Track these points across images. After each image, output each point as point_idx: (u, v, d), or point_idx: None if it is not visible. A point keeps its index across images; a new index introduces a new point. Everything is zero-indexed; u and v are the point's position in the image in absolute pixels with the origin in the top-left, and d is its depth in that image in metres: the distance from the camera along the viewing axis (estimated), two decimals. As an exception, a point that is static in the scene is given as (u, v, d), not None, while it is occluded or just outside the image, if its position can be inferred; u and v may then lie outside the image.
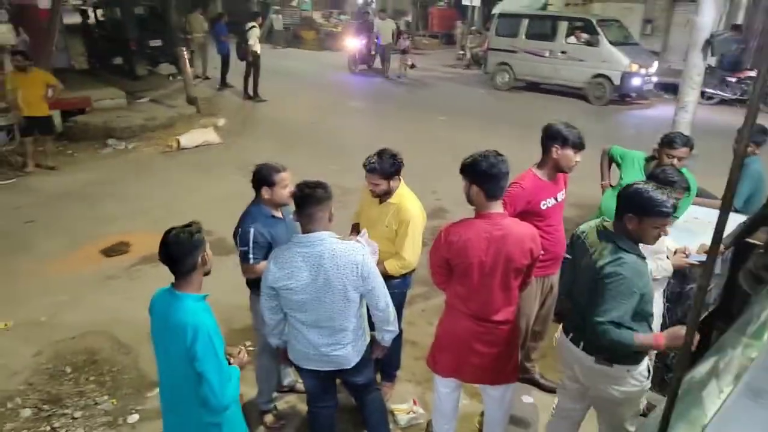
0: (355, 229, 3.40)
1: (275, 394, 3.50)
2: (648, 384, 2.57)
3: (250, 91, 12.24)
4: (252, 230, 2.89)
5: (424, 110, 11.95)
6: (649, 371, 2.57)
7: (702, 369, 2.43)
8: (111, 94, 10.52)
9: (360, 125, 10.72)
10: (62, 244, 5.72)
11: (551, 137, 3.07)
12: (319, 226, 2.47)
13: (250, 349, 3.92)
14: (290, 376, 3.65)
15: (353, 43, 16.71)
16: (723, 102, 12.01)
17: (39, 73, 7.55)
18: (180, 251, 2.13)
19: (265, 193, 2.95)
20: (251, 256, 2.91)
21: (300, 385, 3.57)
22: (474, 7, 18.39)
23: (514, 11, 14.94)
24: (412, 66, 15.98)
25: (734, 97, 11.85)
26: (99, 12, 14.57)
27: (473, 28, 19.04)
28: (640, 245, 2.41)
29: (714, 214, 1.34)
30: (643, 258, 2.38)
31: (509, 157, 2.57)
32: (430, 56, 20.23)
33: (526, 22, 13.70)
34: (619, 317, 2.24)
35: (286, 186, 2.96)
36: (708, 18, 5.74)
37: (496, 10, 16.37)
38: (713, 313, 3.68)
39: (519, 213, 2.98)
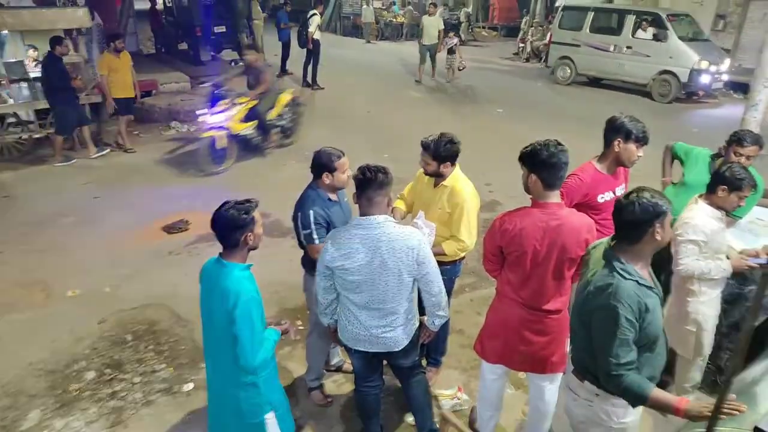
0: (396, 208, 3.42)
1: (323, 373, 3.60)
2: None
3: (309, 79, 12.45)
4: (312, 213, 2.96)
5: (481, 102, 11.83)
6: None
7: (755, 370, 2.36)
8: (176, 78, 10.96)
9: (415, 116, 10.69)
10: (126, 219, 6.01)
11: (614, 130, 3.01)
12: (378, 210, 2.52)
13: (301, 328, 4.05)
14: (338, 356, 3.74)
15: None
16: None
17: (127, 57, 7.90)
18: (227, 227, 2.31)
19: (326, 178, 3.01)
20: (315, 236, 2.97)
21: (347, 366, 3.66)
22: (537, -1, 17.98)
23: (580, 4, 14.48)
24: (462, 68, 13.72)
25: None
26: (167, -2, 15.17)
27: (536, 20, 18.58)
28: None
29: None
30: (648, 287, 2.08)
31: (568, 151, 2.53)
32: (489, 48, 19.98)
33: (591, 15, 13.29)
34: (626, 358, 2.01)
35: (345, 171, 3.03)
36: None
37: (560, 2, 15.92)
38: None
39: (575, 205, 2.94)
